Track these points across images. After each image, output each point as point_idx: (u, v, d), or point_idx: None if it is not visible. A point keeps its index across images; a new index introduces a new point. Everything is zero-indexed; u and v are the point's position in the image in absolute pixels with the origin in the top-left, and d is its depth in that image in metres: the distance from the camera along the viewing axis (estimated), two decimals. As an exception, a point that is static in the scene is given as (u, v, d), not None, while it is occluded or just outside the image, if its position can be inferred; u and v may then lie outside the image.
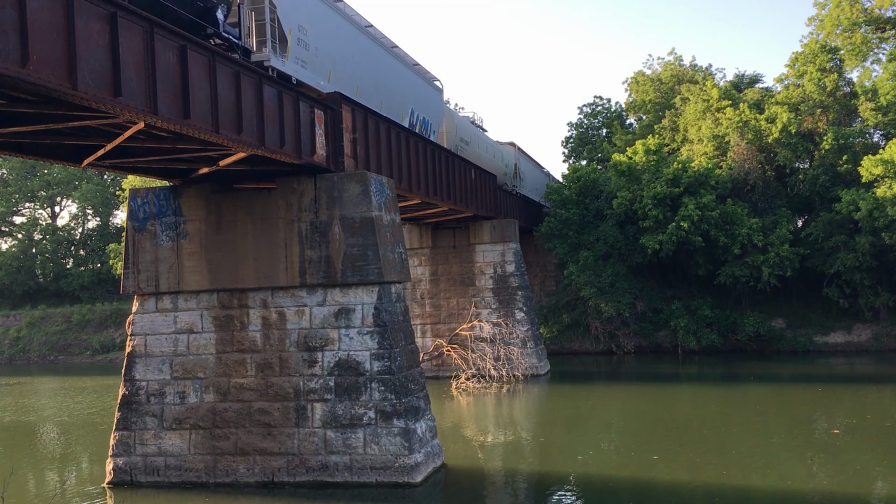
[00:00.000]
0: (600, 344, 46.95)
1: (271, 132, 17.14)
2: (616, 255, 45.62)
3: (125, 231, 21.20)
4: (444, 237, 39.76)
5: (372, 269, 19.09)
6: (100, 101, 11.98)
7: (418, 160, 26.43)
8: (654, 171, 44.86)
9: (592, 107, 65.10)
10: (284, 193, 19.82)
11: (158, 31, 13.42)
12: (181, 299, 20.34)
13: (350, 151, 20.56)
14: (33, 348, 63.73)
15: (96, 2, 11.98)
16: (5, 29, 10.28)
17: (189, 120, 14.09)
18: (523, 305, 38.69)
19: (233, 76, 15.80)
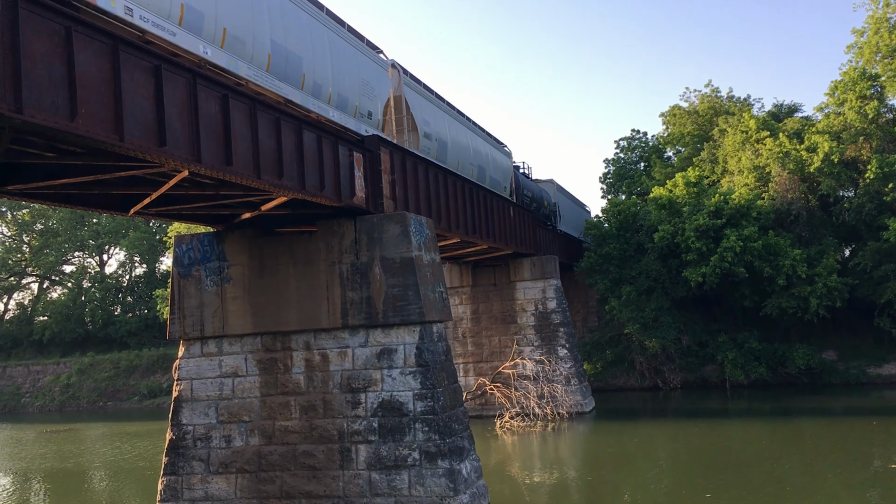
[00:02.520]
0: (645, 380, 46.26)
1: (311, 176, 17.41)
2: (659, 289, 45.11)
3: (171, 277, 21.58)
4: (484, 275, 39.75)
5: (413, 309, 19.14)
6: (145, 152, 12.31)
7: (456, 199, 26.58)
8: (694, 203, 44.49)
9: (629, 140, 65.03)
10: (325, 236, 20.05)
11: (201, 82, 13.80)
12: (226, 343, 20.58)
13: (389, 193, 20.77)
14: (83, 395, 64.73)
15: (141, 55, 12.38)
16: (55, 84, 10.66)
17: (231, 167, 14.39)
18: (566, 342, 38.36)
19: (273, 122, 16.14)
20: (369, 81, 21.71)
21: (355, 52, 21.31)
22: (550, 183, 47.81)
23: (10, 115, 9.90)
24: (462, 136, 30.04)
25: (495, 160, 34.61)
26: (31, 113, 10.16)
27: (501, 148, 36.90)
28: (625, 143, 64.97)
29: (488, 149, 33.99)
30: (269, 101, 16.39)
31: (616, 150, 65.01)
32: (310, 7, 19.09)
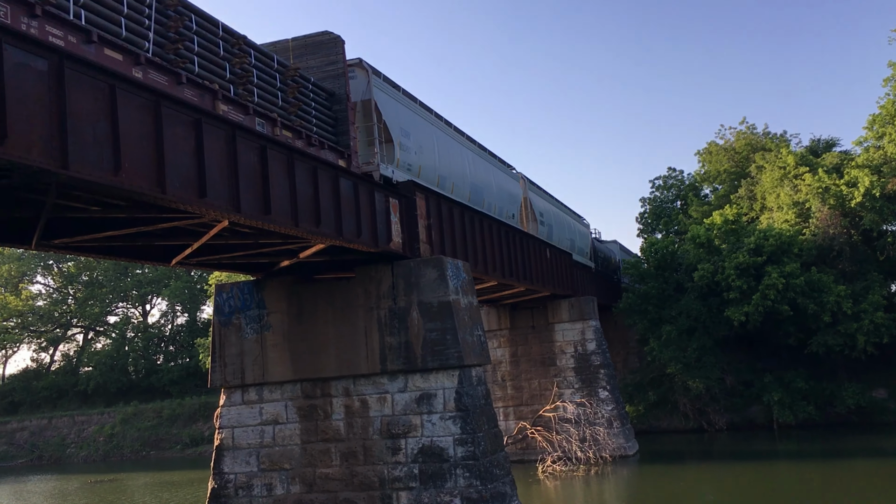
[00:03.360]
0: (690, 421, 45.34)
1: (348, 223, 17.61)
2: (700, 329, 44.43)
3: (212, 326, 21.83)
4: (522, 317, 39.54)
5: (451, 353, 19.09)
6: (187, 203, 12.58)
7: (493, 242, 26.63)
8: (734, 241, 43.99)
9: (665, 179, 64.75)
10: (363, 282, 20.17)
11: (240, 134, 14.12)
12: (266, 391, 20.68)
13: (425, 237, 20.89)
14: (126, 444, 65.22)
15: (182, 109, 12.73)
16: (99, 140, 10.99)
17: (270, 216, 14.63)
18: (607, 384, 37.86)
19: (310, 171, 16.40)
20: (512, 192, 31.41)
21: (506, 177, 31.36)
22: (614, 243, 51.02)
23: (56, 171, 10.22)
24: (562, 218, 40.73)
25: (580, 232, 44.75)
26: (76, 168, 10.48)
27: (582, 221, 47.18)
28: (660, 182, 64.69)
29: (575, 224, 44.36)
30: (307, 151, 16.69)
31: (652, 189, 64.77)
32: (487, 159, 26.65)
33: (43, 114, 10.15)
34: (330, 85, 19.27)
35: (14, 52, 9.80)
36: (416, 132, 22.37)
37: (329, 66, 19.42)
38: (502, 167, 32.22)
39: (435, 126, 24.82)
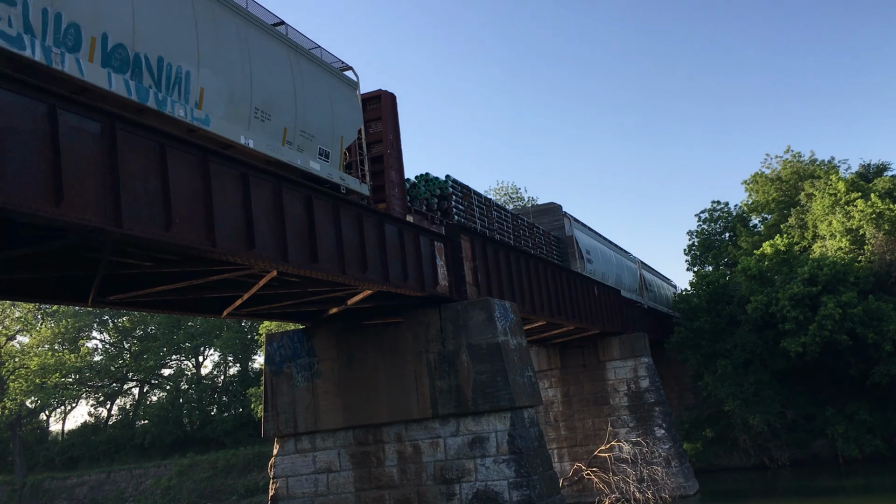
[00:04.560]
0: (751, 458, 44.06)
1: (395, 268, 17.72)
2: (757, 362, 43.40)
3: (263, 375, 22.03)
4: (572, 356, 39.10)
5: (503, 395, 18.94)
6: (236, 255, 12.81)
7: (539, 281, 26.52)
8: (787, 271, 43.12)
9: (711, 212, 64.04)
10: (411, 326, 20.21)
11: (286, 185, 14.38)
12: (319, 439, 20.70)
13: (472, 279, 20.91)
14: (183, 496, 65.60)
15: (230, 164, 13.03)
16: (151, 198, 11.30)
17: (317, 264, 14.81)
18: (662, 422, 37.09)
19: (355, 218, 16.60)
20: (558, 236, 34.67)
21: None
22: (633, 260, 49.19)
23: (111, 229, 10.51)
24: (611, 256, 42.21)
25: (628, 268, 45.81)
26: (129, 226, 10.77)
27: (629, 255, 48.57)
28: (706, 215, 63.99)
29: (623, 260, 45.52)
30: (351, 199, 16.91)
31: (698, 221, 64.05)
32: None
33: (97, 174, 10.49)
34: (557, 233, 34.40)
35: (68, 116, 10.18)
36: (593, 250, 37.47)
37: (555, 222, 35.32)
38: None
39: (602, 244, 40.58)
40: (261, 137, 14.36)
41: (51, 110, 9.92)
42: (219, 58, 13.44)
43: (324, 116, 16.54)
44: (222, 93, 13.46)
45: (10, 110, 9.44)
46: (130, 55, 11.70)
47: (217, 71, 13.34)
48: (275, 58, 15.17)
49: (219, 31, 13.65)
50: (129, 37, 11.62)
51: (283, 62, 15.46)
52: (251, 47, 14.43)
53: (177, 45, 12.50)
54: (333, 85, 17.41)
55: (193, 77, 12.80)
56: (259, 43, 14.78)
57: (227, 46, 13.75)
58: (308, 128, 15.94)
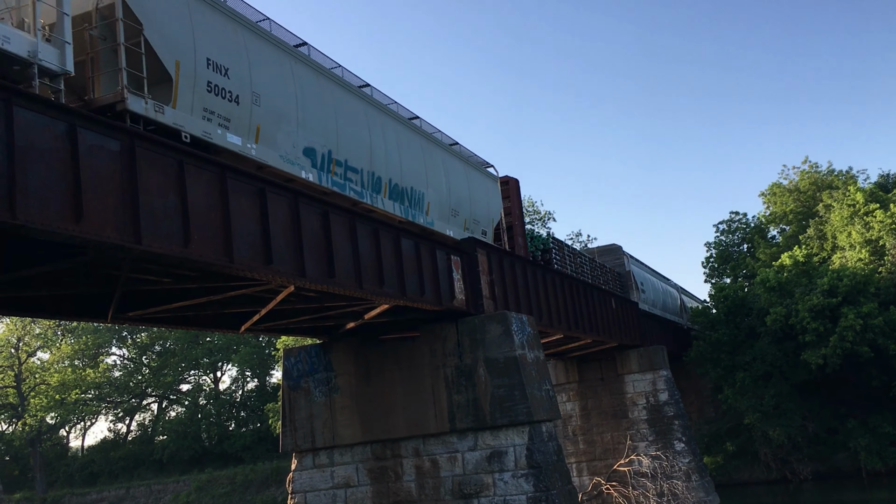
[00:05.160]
0: (772, 472, 43.57)
1: (411, 282, 17.72)
2: (777, 374, 42.97)
3: (281, 390, 22.04)
4: (590, 370, 38.87)
5: (520, 409, 18.85)
6: (254, 271, 12.87)
7: (556, 294, 26.43)
8: (806, 282, 42.74)
9: (729, 223, 63.65)
10: (428, 340, 20.18)
11: (302, 200, 14.44)
12: (336, 454, 20.66)
13: (488, 293, 20.88)
14: (201, 512, 65.62)
15: (247, 180, 13.11)
16: (169, 214, 11.38)
17: (334, 279, 14.84)
18: (682, 435, 36.77)
19: (372, 233, 16.63)
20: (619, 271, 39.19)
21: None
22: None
23: (130, 246, 10.60)
24: (658, 285, 46.81)
25: (670, 293, 50.17)
26: (148, 243, 10.85)
27: (669, 282, 52.56)
28: (724, 226, 63.61)
29: (666, 287, 49.59)
30: (365, 213, 16.97)
31: (716, 233, 63.69)
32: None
33: (116, 192, 10.58)
34: (618, 269, 38.93)
35: (88, 134, 10.29)
36: (646, 282, 42.78)
37: (616, 259, 39.86)
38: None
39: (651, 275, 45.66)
40: (455, 228, 21.51)
41: (70, 129, 10.04)
42: (434, 181, 20.61)
43: (483, 206, 23.73)
44: (437, 203, 20.63)
45: (31, 129, 9.56)
46: (400, 188, 18.89)
47: (434, 189, 20.54)
48: (457, 172, 22.31)
49: (433, 162, 20.83)
50: (399, 178, 18.76)
51: (462, 173, 22.63)
52: (447, 168, 21.67)
53: (417, 178, 19.67)
54: (487, 182, 24.74)
55: (425, 196, 20.09)
56: (451, 164, 22.08)
57: (437, 172, 20.87)
58: (476, 216, 23.04)
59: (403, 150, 19.01)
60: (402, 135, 19.32)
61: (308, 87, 15.57)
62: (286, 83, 14.88)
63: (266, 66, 14.37)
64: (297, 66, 15.53)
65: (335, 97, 16.60)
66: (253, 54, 14.03)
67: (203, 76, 12.66)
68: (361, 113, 17.49)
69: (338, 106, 16.55)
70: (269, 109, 14.10)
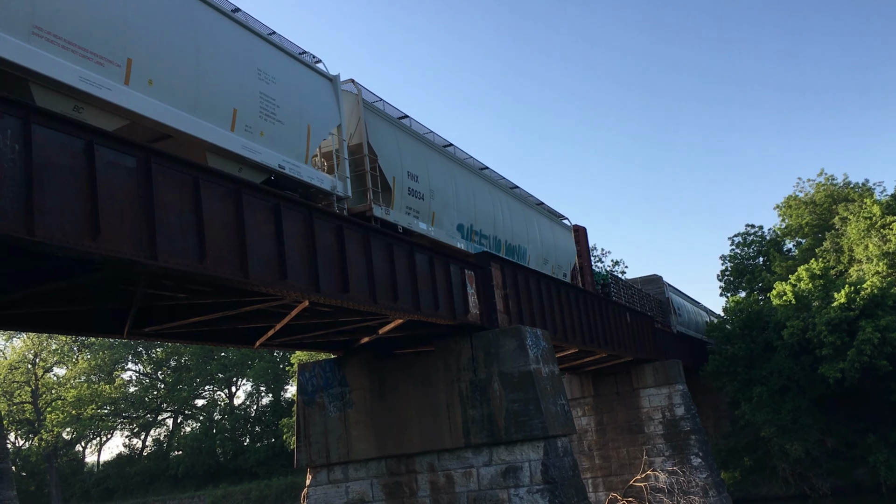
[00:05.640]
0: (791, 487, 43.07)
1: (425, 297, 17.71)
2: (794, 388, 42.56)
3: (296, 405, 22.05)
4: (605, 384, 38.64)
5: (535, 424, 18.77)
6: (269, 286, 12.90)
7: (570, 308, 26.35)
8: (823, 296, 42.39)
9: (744, 236, 63.33)
10: (442, 355, 20.15)
11: (317, 216, 14.50)
12: (351, 469, 20.63)
13: (503, 307, 20.84)
14: (216, 527, 65.55)
15: (262, 196, 13.18)
16: (185, 230, 11.44)
17: (348, 294, 14.86)
18: (699, 450, 36.45)
19: (386, 248, 16.66)
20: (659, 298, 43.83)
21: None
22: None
23: (146, 262, 10.66)
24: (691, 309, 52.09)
25: (701, 315, 54.86)
26: (164, 258, 10.91)
27: (700, 305, 57.48)
28: (740, 239, 63.29)
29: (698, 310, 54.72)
30: (381, 228, 17.02)
31: (731, 246, 63.37)
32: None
33: (132, 208, 10.66)
34: (659, 296, 42.84)
35: (105, 151, 10.39)
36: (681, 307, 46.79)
37: (657, 289, 44.25)
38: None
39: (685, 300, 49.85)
40: (540, 265, 26.44)
41: (88, 146, 10.13)
42: (532, 237, 26.01)
43: (564, 253, 29.45)
44: (535, 254, 26.05)
45: (49, 147, 9.65)
46: (511, 246, 24.02)
47: (532, 244, 26.05)
48: (545, 227, 28.03)
49: (530, 223, 26.51)
50: (511, 238, 24.14)
51: (548, 228, 28.52)
52: (539, 226, 27.17)
53: (522, 237, 25.16)
54: (565, 232, 30.68)
55: (527, 251, 25.51)
56: (541, 221, 27.71)
57: (533, 230, 26.44)
58: (559, 262, 28.52)
59: (513, 217, 25.02)
60: (511, 204, 25.38)
61: (459, 179, 21.44)
62: (447, 179, 20.56)
63: (436, 169, 20.08)
64: (452, 164, 21.45)
65: (473, 184, 22.54)
66: (429, 162, 19.85)
67: (405, 184, 18.35)
68: (487, 192, 23.56)
69: (475, 190, 22.46)
70: (439, 200, 19.80)
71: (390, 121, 18.80)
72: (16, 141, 9.21)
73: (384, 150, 17.63)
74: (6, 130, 9.13)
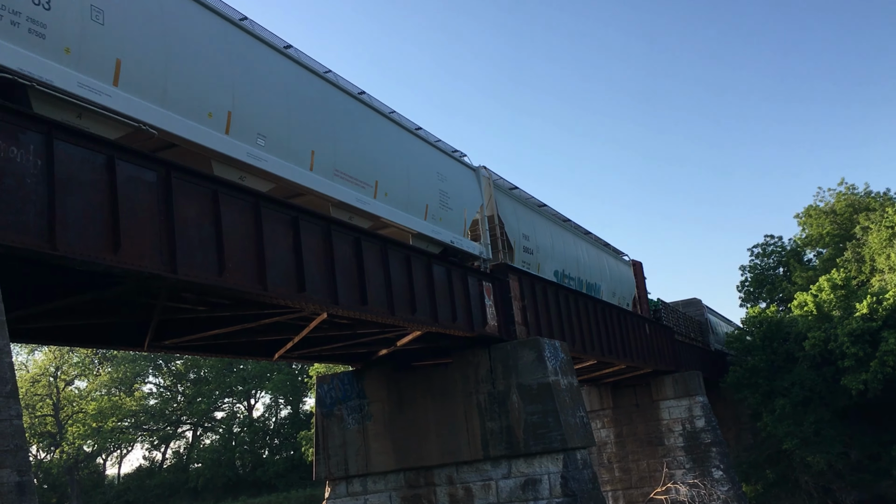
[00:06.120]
0: (814, 500, 42.49)
1: (443, 309, 17.71)
2: (816, 400, 42.08)
3: (314, 417, 22.07)
4: (625, 396, 38.40)
5: (554, 436, 18.68)
6: (287, 298, 12.96)
7: (589, 320, 26.25)
8: (844, 306, 41.95)
9: (764, 247, 62.87)
10: (460, 366, 20.12)
11: (335, 228, 14.57)
12: (370, 481, 20.60)
13: (521, 319, 20.79)
14: (235, 540, 65.55)
15: (280, 209, 13.26)
16: (204, 243, 11.53)
17: (366, 306, 14.89)
18: (720, 463, 36.11)
19: (404, 260, 16.69)
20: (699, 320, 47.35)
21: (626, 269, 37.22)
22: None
23: (166, 275, 10.74)
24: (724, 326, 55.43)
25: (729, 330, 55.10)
26: (184, 272, 10.99)
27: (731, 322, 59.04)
28: (759, 250, 62.84)
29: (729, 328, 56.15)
30: (399, 240, 17.07)
31: (751, 256, 62.92)
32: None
33: (153, 222, 10.76)
34: (698, 317, 46.51)
35: (125, 166, 10.50)
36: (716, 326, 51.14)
37: (697, 311, 48.05)
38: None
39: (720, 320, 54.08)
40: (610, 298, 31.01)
41: (109, 161, 10.25)
42: (604, 275, 31.02)
43: (626, 286, 34.35)
44: (606, 289, 30.60)
45: (71, 162, 9.77)
46: (589, 284, 28.73)
47: (605, 281, 30.83)
48: (613, 265, 33.08)
49: (601, 262, 31.30)
50: (588, 277, 28.92)
51: (615, 265, 33.70)
52: (609, 264, 32.42)
53: (596, 275, 29.81)
54: (626, 268, 35.85)
55: (601, 287, 30.12)
56: (609, 260, 32.85)
57: (604, 268, 31.22)
58: (623, 294, 33.49)
59: (590, 259, 29.68)
60: (588, 249, 30.07)
61: (555, 235, 26.57)
62: (547, 235, 25.57)
63: (541, 228, 25.36)
64: (549, 223, 26.56)
65: (563, 237, 27.55)
66: (536, 222, 25.14)
67: (521, 243, 23.25)
68: (572, 241, 28.48)
69: (565, 241, 27.46)
70: (543, 252, 24.71)
71: (509, 195, 23.80)
72: (38, 156, 9.33)
73: (508, 219, 22.73)
74: (29, 146, 9.25)
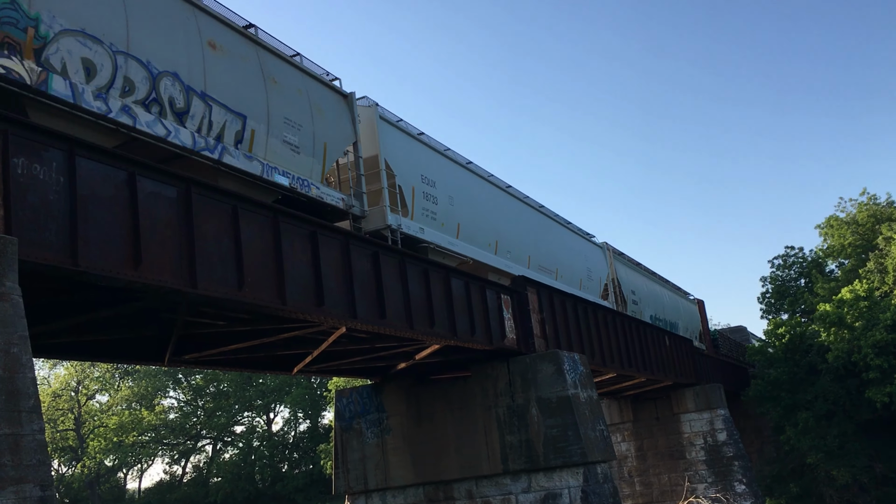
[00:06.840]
0: (839, 515, 41.92)
1: (461, 322, 17.68)
2: (840, 413, 41.55)
3: (333, 431, 22.06)
4: (645, 409, 38.09)
5: (574, 450, 18.56)
6: (306, 312, 12.99)
7: (608, 332, 26.10)
8: (868, 317, 41.47)
9: (785, 258, 62.32)
10: (479, 380, 20.06)
11: (353, 242, 14.61)
12: (389, 496, 20.55)
13: (539, 332, 20.72)
14: (255, 554, 65.43)
15: (299, 223, 13.32)
16: (224, 258, 11.59)
17: (385, 320, 14.90)
18: (742, 476, 35.70)
19: (422, 273, 16.69)
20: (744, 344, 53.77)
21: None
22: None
23: (187, 290, 10.81)
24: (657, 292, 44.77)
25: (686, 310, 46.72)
26: (204, 287, 11.06)
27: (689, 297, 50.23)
28: (780, 261, 62.31)
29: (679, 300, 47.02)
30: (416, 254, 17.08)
31: (772, 268, 62.36)
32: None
33: (173, 237, 10.84)
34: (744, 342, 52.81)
35: (146, 182, 10.60)
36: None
37: (743, 337, 59.38)
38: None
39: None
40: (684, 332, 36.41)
41: (130, 177, 10.35)
42: (679, 314, 38.65)
43: (694, 322, 42.89)
44: (681, 326, 36.88)
45: (93, 179, 9.88)
46: (670, 322, 35.85)
47: (681, 319, 38.84)
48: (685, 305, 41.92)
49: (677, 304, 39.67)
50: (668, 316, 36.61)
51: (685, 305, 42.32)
52: (682, 305, 40.19)
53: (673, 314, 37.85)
54: (693, 307, 44.14)
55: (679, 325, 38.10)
56: (681, 302, 39.81)
57: (678, 309, 39.32)
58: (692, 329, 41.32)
59: (671, 302, 36.70)
60: (669, 294, 37.53)
61: (649, 286, 32.98)
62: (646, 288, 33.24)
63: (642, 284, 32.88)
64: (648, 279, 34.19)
65: (654, 287, 35.02)
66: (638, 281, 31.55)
67: (631, 297, 29.93)
68: (659, 289, 35.23)
69: (656, 290, 34.91)
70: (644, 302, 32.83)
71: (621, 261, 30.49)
72: (60, 174, 9.44)
73: (622, 280, 28.36)
74: (51, 164, 9.36)
